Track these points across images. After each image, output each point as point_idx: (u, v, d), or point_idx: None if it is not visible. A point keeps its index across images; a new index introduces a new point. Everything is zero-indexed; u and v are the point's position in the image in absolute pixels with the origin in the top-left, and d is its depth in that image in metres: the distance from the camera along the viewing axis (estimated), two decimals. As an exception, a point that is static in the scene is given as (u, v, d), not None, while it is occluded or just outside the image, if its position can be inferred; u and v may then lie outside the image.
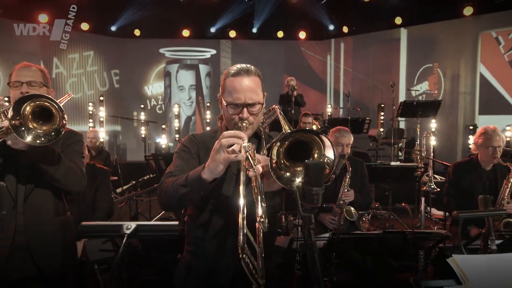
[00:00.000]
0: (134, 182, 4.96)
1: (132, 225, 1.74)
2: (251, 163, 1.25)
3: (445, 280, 1.48)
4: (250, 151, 1.28)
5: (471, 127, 7.65)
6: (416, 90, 9.41)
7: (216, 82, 11.20)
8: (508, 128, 6.67)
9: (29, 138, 1.66)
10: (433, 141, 5.43)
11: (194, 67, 11.32)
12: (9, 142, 1.71)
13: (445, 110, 9.33)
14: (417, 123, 6.20)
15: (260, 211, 1.20)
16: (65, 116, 1.72)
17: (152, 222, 3.30)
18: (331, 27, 10.71)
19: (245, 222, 1.22)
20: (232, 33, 10.57)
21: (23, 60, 7.05)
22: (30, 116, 1.70)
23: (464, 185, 3.20)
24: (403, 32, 10.05)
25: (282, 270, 2.49)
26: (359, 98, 10.68)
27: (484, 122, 8.16)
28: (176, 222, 2.24)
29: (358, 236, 2.75)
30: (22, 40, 9.28)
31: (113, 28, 10.30)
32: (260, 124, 1.64)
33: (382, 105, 8.73)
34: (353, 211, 3.21)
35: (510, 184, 3.03)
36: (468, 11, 8.62)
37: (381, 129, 7.67)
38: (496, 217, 2.83)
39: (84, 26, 9.86)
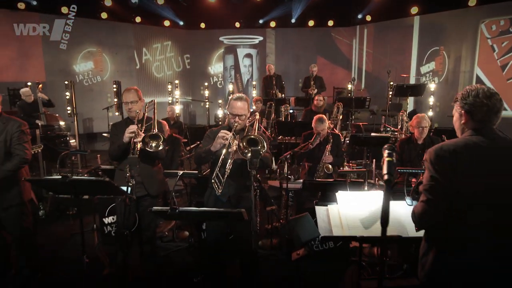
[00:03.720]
0: (198, 142, 6.19)
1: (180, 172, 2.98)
2: (231, 145, 2.38)
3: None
4: (231, 139, 2.39)
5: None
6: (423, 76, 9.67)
7: (262, 63, 12.07)
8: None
9: (151, 145, 2.80)
10: (405, 117, 5.96)
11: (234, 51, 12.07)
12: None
13: (447, 85, 9.63)
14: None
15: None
16: (164, 136, 2.82)
17: (191, 171, 4.43)
18: (359, 16, 11.02)
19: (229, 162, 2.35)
20: (273, 24, 11.28)
21: (123, 50, 8.78)
22: (148, 137, 2.77)
23: (405, 153, 4.06)
24: (416, 20, 10.15)
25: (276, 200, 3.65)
26: (378, 75, 11.13)
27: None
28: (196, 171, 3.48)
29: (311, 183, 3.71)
30: (120, 34, 10.78)
31: (181, 23, 11.45)
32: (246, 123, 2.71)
33: (391, 82, 9.18)
34: (330, 167, 4.21)
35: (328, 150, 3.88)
36: (472, 2, 8.68)
37: (376, 106, 8.23)
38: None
39: (166, 23, 11.14)
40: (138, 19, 10.64)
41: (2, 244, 3.17)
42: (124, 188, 2.42)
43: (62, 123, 6.38)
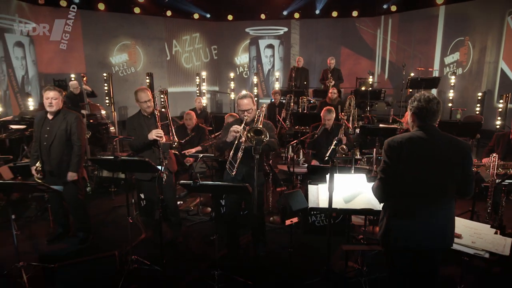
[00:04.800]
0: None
1: (200, 155, 3.71)
2: (241, 135, 3.05)
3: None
4: (241, 132, 3.06)
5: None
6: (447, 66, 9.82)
7: (287, 52, 12.56)
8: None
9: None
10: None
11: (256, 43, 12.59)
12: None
13: (471, 76, 9.75)
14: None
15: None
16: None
17: (210, 154, 5.10)
18: (384, 6, 11.21)
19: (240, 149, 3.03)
20: (297, 15, 11.70)
21: (154, 43, 9.72)
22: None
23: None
24: (441, 10, 10.23)
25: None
26: (401, 65, 11.32)
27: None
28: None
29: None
30: (152, 28, 11.63)
31: (208, 15, 12.12)
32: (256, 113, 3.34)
33: (412, 74, 9.45)
34: (345, 148, 4.77)
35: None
36: (498, -8, 8.71)
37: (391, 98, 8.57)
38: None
39: (195, 16, 11.87)
40: (168, 13, 11.43)
41: (63, 213, 4.06)
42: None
43: (103, 112, 7.32)
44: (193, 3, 11.42)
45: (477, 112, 7.91)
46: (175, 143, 3.38)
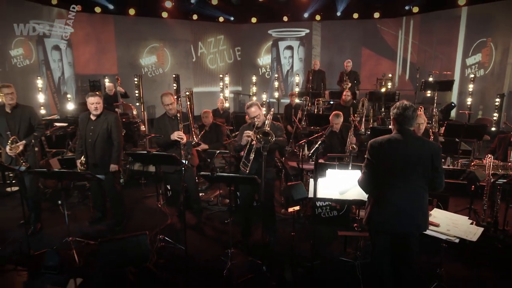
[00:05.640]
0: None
1: (217, 151, 4.31)
2: (252, 139, 3.61)
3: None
4: (252, 136, 3.62)
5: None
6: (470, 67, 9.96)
7: (308, 54, 13.00)
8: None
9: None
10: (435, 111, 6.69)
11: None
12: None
13: (493, 77, 9.85)
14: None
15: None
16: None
17: (226, 151, 5.74)
18: (406, 7, 11.43)
19: (252, 150, 3.61)
20: (318, 17, 12.12)
21: (181, 45, 10.65)
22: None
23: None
24: (464, 11, 10.37)
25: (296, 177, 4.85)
26: (423, 66, 11.47)
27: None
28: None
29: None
30: (179, 31, 12.39)
31: (232, 18, 12.76)
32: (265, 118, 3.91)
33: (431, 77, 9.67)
34: (355, 147, 5.23)
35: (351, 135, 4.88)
36: (521, -7, 8.80)
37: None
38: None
39: (220, 19, 12.55)
40: (195, 17, 12.17)
41: (102, 200, 4.78)
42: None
43: (134, 111, 8.10)
44: (218, 8, 12.08)
45: (495, 115, 8.09)
46: (194, 142, 4.02)
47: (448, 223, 3.13)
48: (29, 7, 9.40)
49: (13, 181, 6.03)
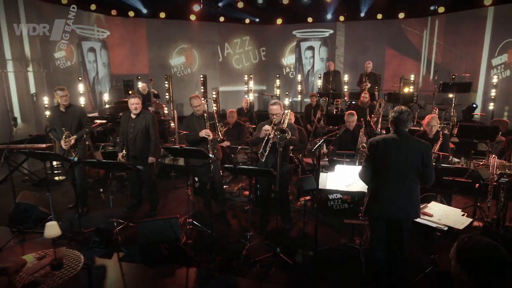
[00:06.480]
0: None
1: (239, 146, 4.90)
2: (270, 134, 4.18)
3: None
4: (270, 129, 4.18)
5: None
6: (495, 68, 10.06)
7: (332, 54, 13.38)
8: None
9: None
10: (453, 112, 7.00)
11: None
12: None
13: (519, 77, 9.92)
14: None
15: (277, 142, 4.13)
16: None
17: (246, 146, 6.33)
18: (432, 7, 11.60)
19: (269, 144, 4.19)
20: (341, 18, 12.49)
21: (208, 46, 11.49)
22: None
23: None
24: (490, 11, 10.45)
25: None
26: (448, 67, 11.61)
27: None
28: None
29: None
30: (206, 33, 13.10)
31: (257, 20, 13.33)
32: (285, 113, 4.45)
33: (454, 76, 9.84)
34: (365, 145, 5.71)
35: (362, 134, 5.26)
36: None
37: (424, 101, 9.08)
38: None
39: (246, 21, 13.17)
40: (221, 19, 12.85)
41: (138, 189, 5.50)
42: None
43: (165, 110, 8.86)
44: (244, 10, 12.68)
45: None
46: (220, 138, 4.65)
47: (441, 214, 3.58)
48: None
49: (59, 171, 6.89)
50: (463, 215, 3.58)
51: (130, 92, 10.81)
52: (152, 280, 3.73)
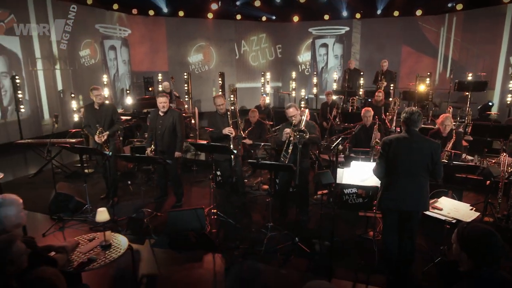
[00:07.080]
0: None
1: (262, 143, 5.26)
2: (291, 135, 4.52)
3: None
4: (290, 133, 4.53)
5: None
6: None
7: (347, 51, 13.58)
8: None
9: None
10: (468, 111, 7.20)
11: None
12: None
13: (537, 75, 9.97)
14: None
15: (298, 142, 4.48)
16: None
17: (268, 143, 6.70)
18: (449, 5, 11.69)
19: (291, 144, 4.54)
20: (358, 15, 12.67)
21: (225, 44, 12.10)
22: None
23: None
24: (509, 8, 10.49)
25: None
26: (465, 64, 11.71)
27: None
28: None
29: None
30: (223, 30, 13.47)
31: (273, 17, 13.62)
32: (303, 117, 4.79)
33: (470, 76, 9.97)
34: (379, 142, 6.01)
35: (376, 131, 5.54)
36: None
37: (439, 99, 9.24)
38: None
39: (263, 18, 13.48)
40: (238, 17, 13.19)
41: (164, 181, 5.92)
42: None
43: (186, 107, 9.29)
44: (261, 8, 12.98)
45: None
46: (243, 136, 5.02)
47: (451, 208, 3.87)
48: (95, 12, 10.87)
49: (88, 165, 7.38)
50: (471, 209, 3.87)
51: (150, 88, 11.30)
52: (181, 264, 4.14)
